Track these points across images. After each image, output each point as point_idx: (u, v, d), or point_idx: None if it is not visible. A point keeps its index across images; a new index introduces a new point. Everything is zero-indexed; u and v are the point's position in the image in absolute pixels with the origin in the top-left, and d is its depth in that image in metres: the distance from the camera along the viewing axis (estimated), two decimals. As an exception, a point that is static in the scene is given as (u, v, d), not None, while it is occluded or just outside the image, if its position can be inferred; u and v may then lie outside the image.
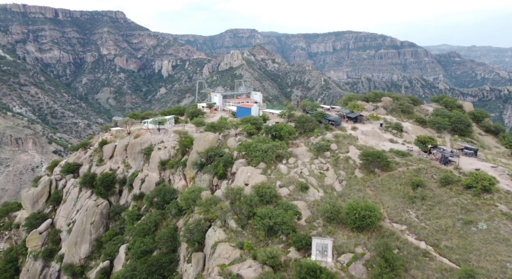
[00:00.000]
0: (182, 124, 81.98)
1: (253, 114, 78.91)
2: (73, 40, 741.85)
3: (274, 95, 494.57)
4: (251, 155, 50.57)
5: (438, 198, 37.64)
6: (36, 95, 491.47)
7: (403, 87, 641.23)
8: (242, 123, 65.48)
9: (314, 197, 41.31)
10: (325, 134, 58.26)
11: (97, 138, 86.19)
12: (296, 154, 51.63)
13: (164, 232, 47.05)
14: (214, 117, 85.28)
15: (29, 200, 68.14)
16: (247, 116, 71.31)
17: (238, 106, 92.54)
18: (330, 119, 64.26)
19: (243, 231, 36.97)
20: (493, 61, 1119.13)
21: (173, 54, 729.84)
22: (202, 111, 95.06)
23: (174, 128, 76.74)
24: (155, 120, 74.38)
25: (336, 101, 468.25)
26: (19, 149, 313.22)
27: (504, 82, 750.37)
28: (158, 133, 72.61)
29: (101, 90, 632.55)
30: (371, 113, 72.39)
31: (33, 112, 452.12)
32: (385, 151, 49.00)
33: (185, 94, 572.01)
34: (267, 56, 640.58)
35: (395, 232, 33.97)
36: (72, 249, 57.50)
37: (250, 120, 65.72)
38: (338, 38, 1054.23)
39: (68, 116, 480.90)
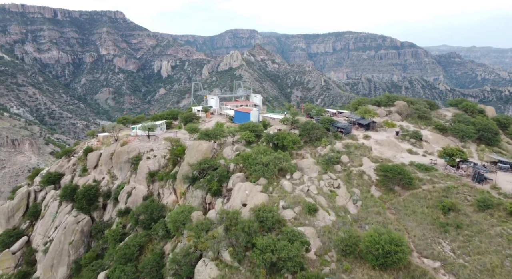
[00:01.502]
0: (175, 129, 75.39)
1: (252, 120, 72.43)
2: (72, 40, 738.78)
3: (274, 95, 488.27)
4: (250, 168, 44.00)
5: (477, 227, 31.01)
6: (34, 96, 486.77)
7: (403, 87, 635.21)
8: (240, 130, 59.27)
9: (325, 222, 34.65)
10: (334, 143, 51.41)
11: (82, 145, 79.28)
12: (302, 167, 45.00)
13: (148, 259, 40.39)
14: (210, 122, 79.10)
15: (4, 215, 61.35)
16: (246, 122, 65.21)
17: (236, 110, 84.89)
18: (339, 126, 57.38)
19: (240, 266, 30.31)
20: (493, 61, 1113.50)
21: (173, 54, 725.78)
22: (197, 116, 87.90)
23: (165, 134, 70.11)
24: (145, 125, 67.31)
25: (337, 102, 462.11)
26: (16, 150, 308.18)
27: (504, 83, 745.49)
28: (147, 140, 65.90)
29: (100, 90, 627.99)
30: (384, 119, 65.05)
31: (30, 113, 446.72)
32: (404, 165, 42.38)
33: (184, 94, 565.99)
34: (267, 57, 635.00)
35: (428, 272, 27.36)
36: (48, 272, 50.82)
37: (249, 126, 59.48)
38: (338, 38, 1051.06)
39: (66, 117, 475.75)
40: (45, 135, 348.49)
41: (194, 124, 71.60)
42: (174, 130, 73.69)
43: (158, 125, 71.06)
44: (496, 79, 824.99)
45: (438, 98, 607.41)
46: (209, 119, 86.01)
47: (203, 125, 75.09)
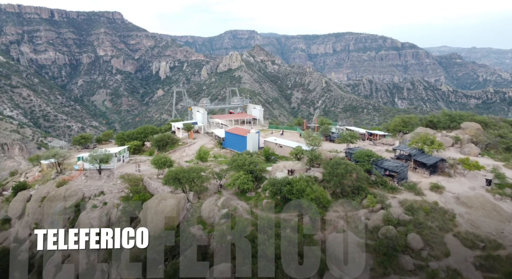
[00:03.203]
0: (145, 156, 55.46)
1: (250, 148, 53.70)
2: (69, 41, 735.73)
3: (274, 97, 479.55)
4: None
5: None
6: (28, 98, 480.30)
7: (405, 89, 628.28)
8: (231, 167, 41.91)
9: None
10: (386, 201, 32.68)
11: (19, 177, 60.17)
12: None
13: None
14: (192, 146, 61.18)
15: None
16: (240, 153, 48.46)
17: (228, 131, 62.53)
18: (389, 168, 37.16)
19: None
20: (494, 62, 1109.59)
21: (171, 55, 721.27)
22: (175, 138, 66.06)
23: (125, 166, 51.42)
24: (94, 156, 47.69)
25: (338, 104, 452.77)
26: (5, 155, 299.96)
27: (506, 84, 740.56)
28: (98, 177, 48.01)
29: (97, 92, 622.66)
30: (461, 157, 41.56)
31: (24, 115, 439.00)
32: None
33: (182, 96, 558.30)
34: (266, 58, 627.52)
35: None
36: None
37: (243, 162, 41.14)
38: (338, 39, 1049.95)
39: (61, 119, 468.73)
40: (38, 139, 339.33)
41: (162, 156, 48.87)
42: (139, 161, 54.46)
43: (115, 154, 51.64)
44: (498, 80, 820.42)
45: (441, 99, 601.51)
46: (192, 141, 67.17)
47: (181, 151, 56.94)
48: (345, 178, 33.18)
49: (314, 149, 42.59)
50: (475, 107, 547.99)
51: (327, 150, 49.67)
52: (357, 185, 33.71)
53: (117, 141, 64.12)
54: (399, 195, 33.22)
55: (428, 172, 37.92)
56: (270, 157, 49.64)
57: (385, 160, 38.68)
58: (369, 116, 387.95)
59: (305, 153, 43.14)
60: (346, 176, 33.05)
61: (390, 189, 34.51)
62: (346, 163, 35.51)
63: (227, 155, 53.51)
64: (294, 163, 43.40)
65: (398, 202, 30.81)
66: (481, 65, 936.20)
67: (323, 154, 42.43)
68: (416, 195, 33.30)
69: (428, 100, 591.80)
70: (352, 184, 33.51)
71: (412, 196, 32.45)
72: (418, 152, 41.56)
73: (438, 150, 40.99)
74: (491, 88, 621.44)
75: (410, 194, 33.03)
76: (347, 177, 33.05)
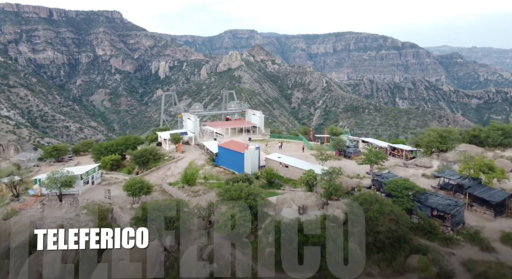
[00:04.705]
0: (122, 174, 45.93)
1: (248, 170, 42.55)
2: (68, 41, 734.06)
3: (274, 97, 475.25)
4: None
5: None
6: (25, 97, 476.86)
7: (406, 89, 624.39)
8: (222, 200, 32.18)
9: None
10: (444, 261, 21.71)
11: None
12: None
13: None
14: (180, 162, 51.19)
15: None
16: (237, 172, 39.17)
17: (222, 146, 51.69)
18: (438, 207, 26.72)
19: None
20: (495, 62, 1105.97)
21: (171, 55, 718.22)
22: (159, 153, 54.92)
23: (95, 189, 41.49)
24: (53, 178, 37.85)
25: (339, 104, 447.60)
26: (0, 156, 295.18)
27: (507, 84, 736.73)
28: (58, 205, 38.61)
29: (96, 91, 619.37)
30: None
31: (21, 115, 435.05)
32: None
33: (182, 96, 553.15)
34: (266, 57, 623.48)
35: None
36: None
37: (239, 194, 30.97)
38: (339, 39, 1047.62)
39: (59, 119, 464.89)
40: (35, 139, 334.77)
41: (138, 180, 38.62)
42: (113, 182, 44.35)
43: (81, 175, 41.01)
44: (499, 79, 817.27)
45: (442, 99, 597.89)
46: (179, 155, 56.66)
47: (165, 169, 46.56)
48: (380, 223, 23.78)
49: (333, 178, 32.61)
50: (476, 107, 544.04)
51: (346, 174, 38.85)
52: (397, 235, 23.58)
53: (94, 154, 54.37)
54: (457, 249, 23.09)
55: (493, 213, 27.39)
56: (273, 180, 39.92)
57: (430, 195, 27.93)
58: (370, 117, 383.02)
59: (320, 183, 33.11)
60: (380, 219, 23.64)
61: (442, 240, 24.55)
62: (380, 202, 25.87)
63: (220, 176, 44.07)
64: (306, 196, 33.09)
65: (461, 263, 19.90)
66: (481, 64, 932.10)
67: (343, 182, 33.14)
68: (483, 251, 22.86)
69: (430, 100, 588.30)
70: (391, 232, 23.08)
71: (477, 252, 22.03)
72: (473, 182, 30.82)
73: (501, 180, 30.53)
74: (493, 88, 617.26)
75: (474, 248, 22.87)
76: (382, 222, 23.43)
